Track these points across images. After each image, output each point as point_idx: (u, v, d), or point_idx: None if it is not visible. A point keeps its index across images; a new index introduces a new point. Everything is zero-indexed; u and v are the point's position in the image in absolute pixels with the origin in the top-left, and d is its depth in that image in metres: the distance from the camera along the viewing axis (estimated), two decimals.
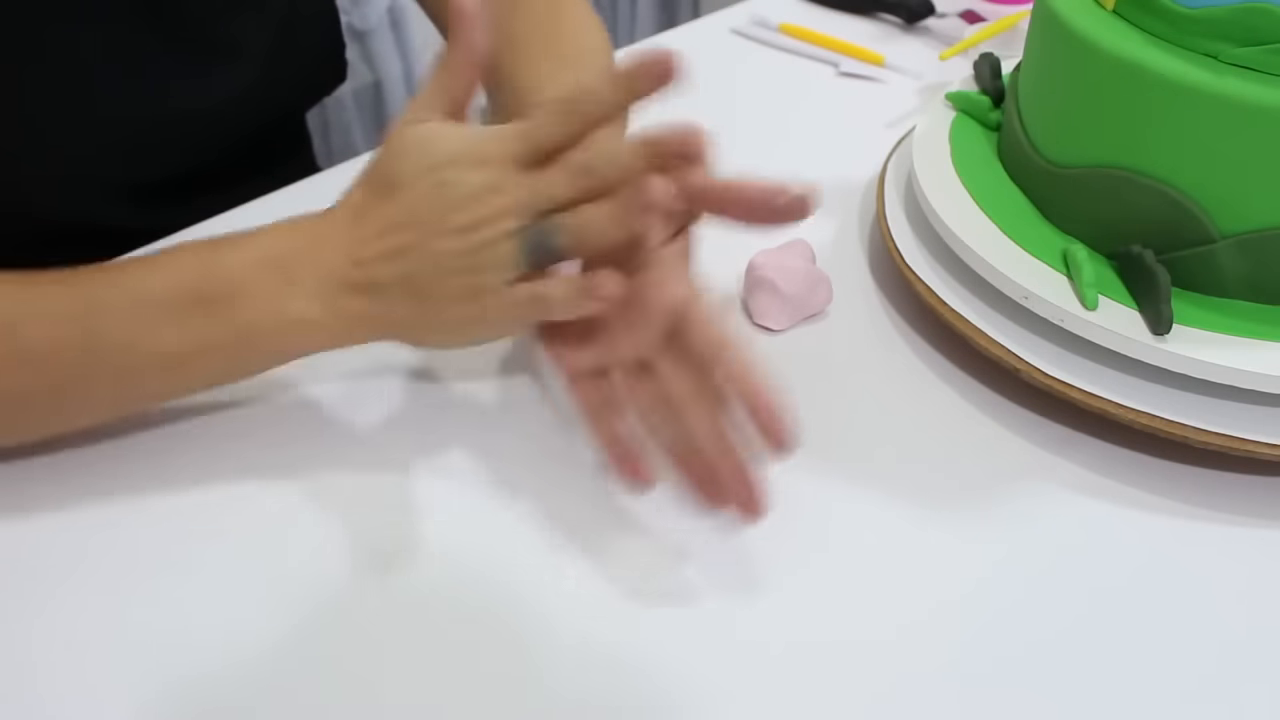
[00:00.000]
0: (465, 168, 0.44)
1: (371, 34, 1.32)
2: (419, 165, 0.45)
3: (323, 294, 0.46)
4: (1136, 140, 0.53)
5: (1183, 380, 0.51)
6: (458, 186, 0.44)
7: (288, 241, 0.47)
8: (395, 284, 0.46)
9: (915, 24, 0.89)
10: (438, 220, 0.44)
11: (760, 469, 0.46)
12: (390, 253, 0.45)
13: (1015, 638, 0.46)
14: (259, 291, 0.46)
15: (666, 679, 0.44)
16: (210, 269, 0.47)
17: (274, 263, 0.47)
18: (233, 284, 0.46)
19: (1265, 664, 0.46)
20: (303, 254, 0.47)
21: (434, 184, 0.44)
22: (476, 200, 0.44)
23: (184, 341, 0.47)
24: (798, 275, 0.60)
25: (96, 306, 0.47)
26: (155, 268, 0.48)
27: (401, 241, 0.45)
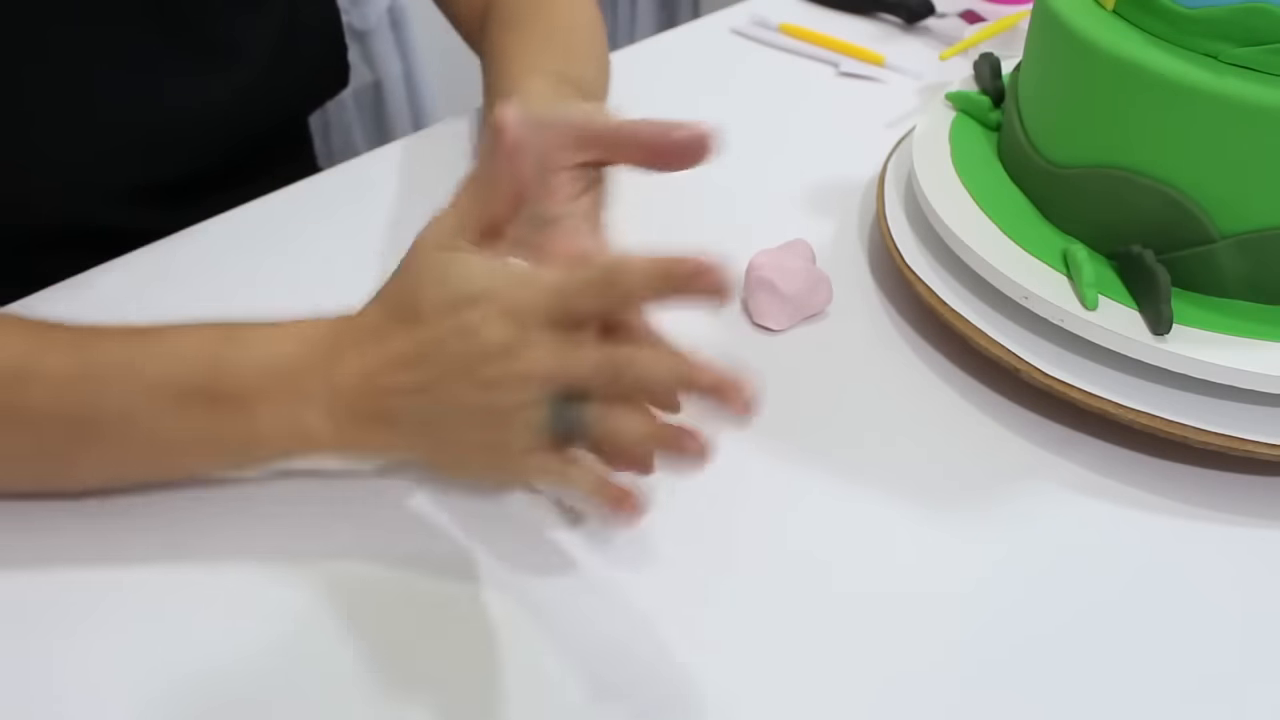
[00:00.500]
0: (493, 316, 0.41)
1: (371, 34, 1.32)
2: (441, 300, 0.42)
3: (335, 414, 0.45)
4: (1136, 140, 0.53)
5: (1183, 380, 0.51)
6: (482, 336, 0.41)
7: (304, 351, 0.45)
8: (411, 419, 0.44)
9: (915, 24, 0.89)
10: (461, 368, 0.42)
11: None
12: (409, 388, 0.43)
13: (1015, 637, 0.46)
14: (269, 401, 0.45)
15: (665, 678, 0.44)
16: (220, 366, 0.45)
17: (286, 374, 0.45)
18: (242, 388, 0.45)
19: (1265, 664, 0.46)
20: (317, 369, 0.45)
21: (457, 327, 0.41)
22: (503, 357, 0.41)
23: (184, 433, 0.46)
24: (798, 275, 0.60)
25: (98, 377, 0.45)
26: (163, 348, 0.46)
27: (422, 379, 0.43)
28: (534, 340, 0.41)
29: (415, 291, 0.43)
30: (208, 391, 0.45)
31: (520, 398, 0.41)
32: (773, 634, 0.46)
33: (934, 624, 0.47)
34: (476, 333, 0.41)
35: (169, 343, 0.46)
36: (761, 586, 0.48)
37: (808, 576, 0.48)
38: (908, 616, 0.47)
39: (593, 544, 0.49)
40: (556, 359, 0.41)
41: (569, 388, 0.42)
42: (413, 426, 0.44)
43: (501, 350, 0.41)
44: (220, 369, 0.45)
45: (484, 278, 0.42)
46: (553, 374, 0.41)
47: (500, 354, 0.41)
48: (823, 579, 0.48)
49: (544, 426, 0.42)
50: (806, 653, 0.45)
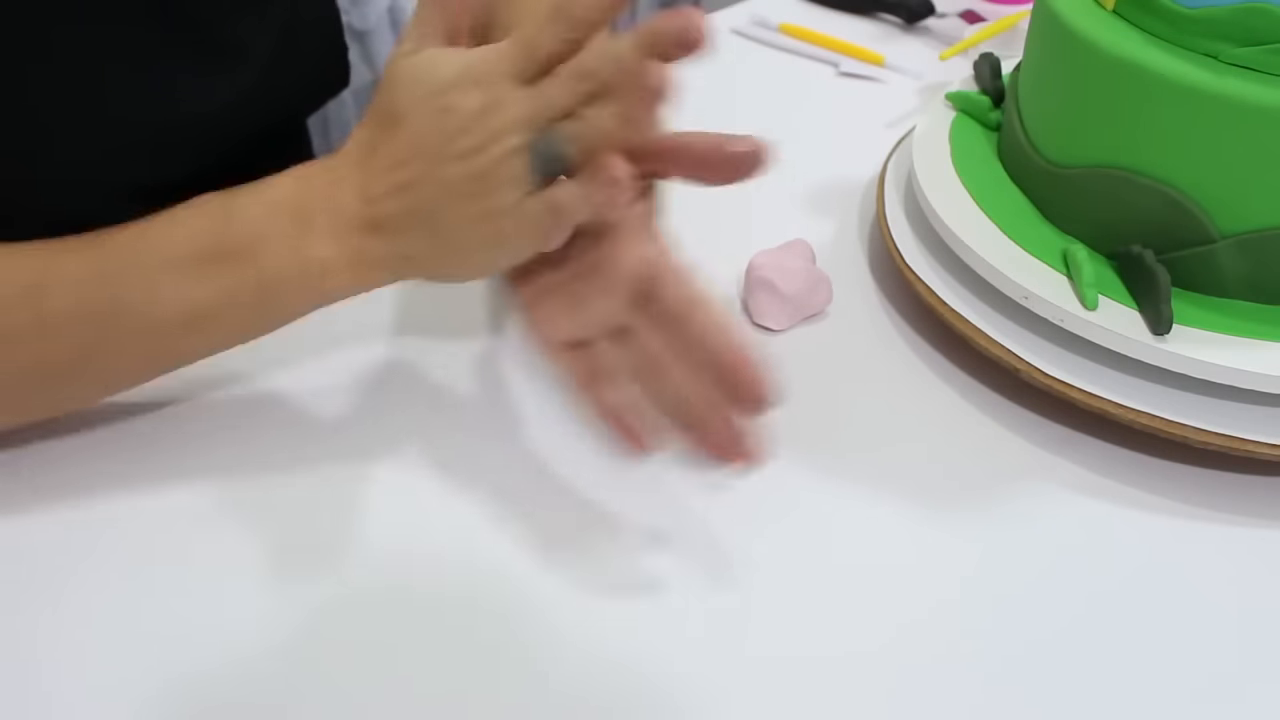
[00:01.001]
0: (464, 90, 0.43)
1: (371, 34, 1.32)
2: (418, 94, 0.44)
3: (339, 235, 0.46)
4: (1136, 140, 0.53)
5: (1183, 380, 0.51)
6: (458, 111, 0.43)
7: (303, 185, 0.47)
8: (407, 218, 0.45)
9: (915, 24, 0.89)
10: (442, 148, 0.44)
11: (751, 419, 0.45)
12: (399, 187, 0.45)
13: (1015, 637, 0.46)
14: (277, 238, 0.46)
15: (663, 677, 0.44)
16: (228, 221, 0.47)
17: (290, 208, 0.46)
18: (250, 234, 0.46)
19: (1265, 664, 0.46)
20: (317, 196, 0.46)
21: (435, 111, 0.44)
22: (478, 121, 0.43)
23: (207, 297, 0.47)
24: (798, 275, 0.60)
25: (117, 269, 0.47)
26: (173, 225, 0.48)
27: (409, 175, 0.45)
28: (504, 96, 0.43)
29: (394, 96, 0.45)
30: (219, 247, 0.46)
31: (500, 150, 0.43)
32: (772, 634, 0.46)
33: (934, 624, 0.47)
34: (451, 110, 0.43)
35: (175, 217, 0.48)
36: (760, 586, 0.48)
37: (807, 576, 0.48)
38: (907, 616, 0.47)
39: (587, 541, 0.49)
40: (528, 99, 0.43)
41: (545, 123, 0.43)
42: (409, 224, 0.45)
43: (476, 115, 0.43)
44: (228, 223, 0.47)
45: (452, 64, 0.44)
46: (526, 114, 0.43)
47: (474, 122, 0.43)
48: (822, 579, 0.48)
49: (528, 167, 0.43)
50: (806, 653, 0.45)
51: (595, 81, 0.43)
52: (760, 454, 0.46)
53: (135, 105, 0.65)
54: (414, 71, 0.45)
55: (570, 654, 0.45)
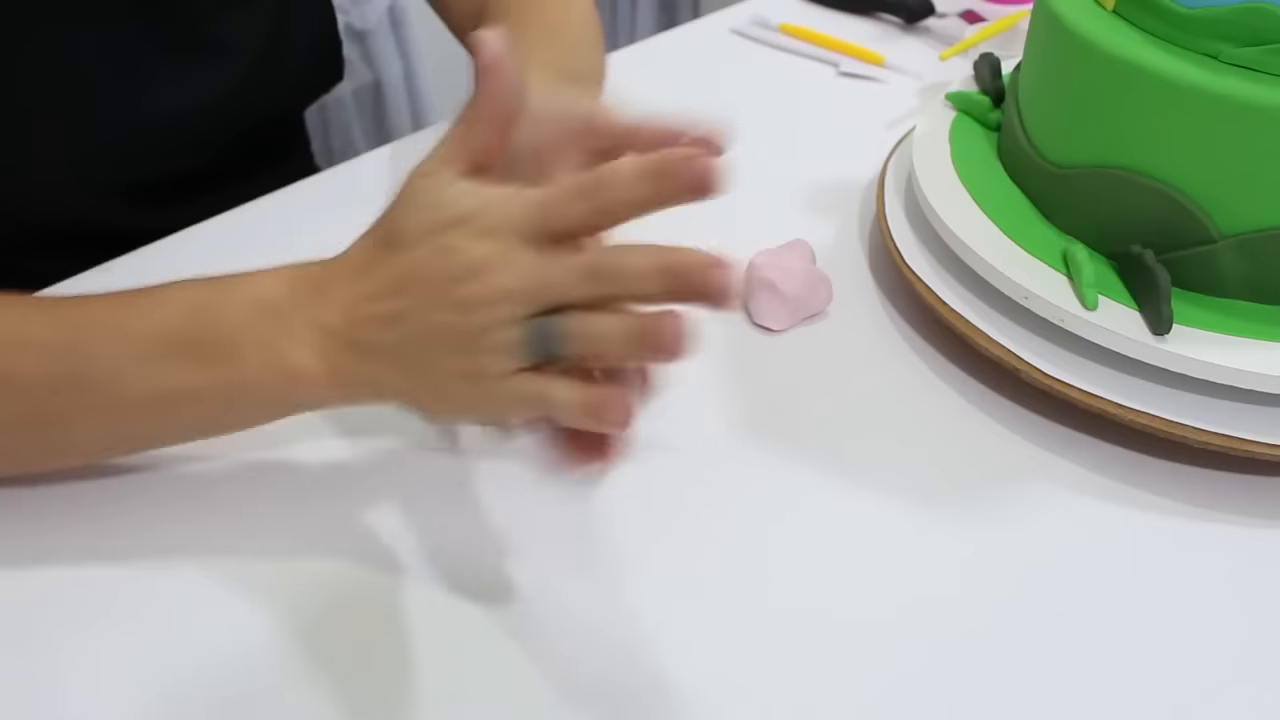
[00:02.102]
0: (471, 235, 0.41)
1: (371, 34, 1.32)
2: (424, 224, 0.42)
3: (317, 348, 0.43)
4: (1136, 140, 0.53)
5: (1183, 380, 0.51)
6: (460, 255, 0.40)
7: (287, 287, 0.45)
8: (388, 350, 0.43)
9: (915, 24, 0.89)
10: (437, 291, 0.41)
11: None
12: (386, 317, 0.42)
13: (1015, 637, 0.46)
14: (254, 340, 0.44)
15: (662, 676, 0.44)
16: (206, 313, 0.45)
17: (271, 310, 0.44)
18: (227, 332, 0.44)
19: (1265, 664, 0.45)
20: (301, 303, 0.44)
21: (437, 248, 0.41)
22: (478, 275, 0.40)
23: (175, 387, 0.45)
24: (798, 275, 0.60)
25: (86, 339, 0.45)
26: (149, 304, 0.46)
27: (399, 307, 0.42)
28: (511, 257, 0.40)
29: (400, 219, 0.43)
30: (193, 340, 0.45)
31: (495, 315, 0.40)
32: (772, 634, 0.46)
33: (934, 623, 0.47)
34: (454, 252, 0.40)
35: (154, 297, 0.46)
36: (760, 586, 0.48)
37: (807, 576, 0.48)
38: (907, 616, 0.47)
39: (587, 540, 0.49)
40: (534, 273, 0.40)
41: (547, 305, 0.40)
42: (392, 357, 0.43)
43: (478, 268, 0.40)
44: (204, 315, 0.45)
45: (465, 201, 0.42)
46: (530, 289, 0.40)
47: (476, 272, 0.40)
48: (822, 579, 0.48)
49: (521, 346, 0.40)
50: (806, 653, 0.45)
51: (605, 289, 0.40)
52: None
53: (121, 102, 0.65)
54: (427, 197, 0.42)
55: (568, 652, 0.45)
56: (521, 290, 0.40)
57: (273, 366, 0.44)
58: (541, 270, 0.40)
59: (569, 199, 0.40)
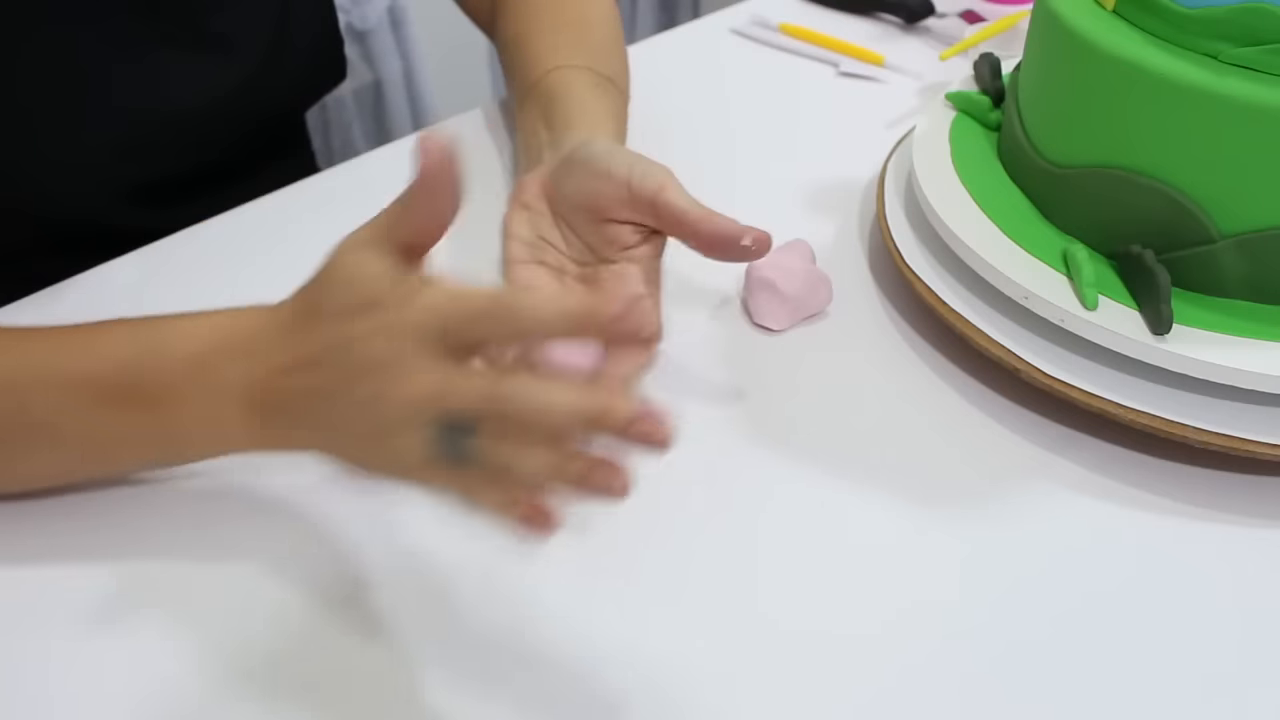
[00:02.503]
0: (373, 330, 0.39)
1: (371, 34, 1.32)
2: (335, 304, 0.40)
3: (247, 407, 0.44)
4: (1136, 140, 0.53)
5: (1183, 380, 0.51)
6: (360, 349, 0.39)
7: (222, 341, 0.45)
8: (310, 421, 0.43)
9: (915, 24, 0.89)
10: (344, 380, 0.40)
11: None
12: (304, 392, 0.42)
13: (1015, 637, 0.46)
14: (188, 394, 0.44)
15: (664, 677, 0.44)
16: (139, 361, 0.45)
17: (206, 365, 0.44)
18: (162, 384, 0.45)
19: (1265, 664, 0.46)
20: (235, 359, 0.44)
21: (341, 337, 0.40)
22: (377, 375, 0.39)
23: (110, 431, 0.46)
24: (798, 275, 0.60)
25: (23, 384, 0.46)
26: (85, 349, 0.46)
27: (314, 384, 0.41)
28: (408, 363, 0.38)
29: (319, 291, 0.42)
30: (127, 390, 0.45)
31: (399, 416, 0.39)
32: (772, 634, 0.46)
33: (934, 623, 0.47)
34: (355, 344, 0.39)
35: (90, 343, 0.46)
36: (761, 586, 0.48)
37: (807, 576, 0.48)
38: (907, 615, 0.47)
39: (582, 544, 0.49)
40: (431, 384, 0.38)
41: (452, 416, 0.38)
42: (313, 427, 0.43)
43: (377, 367, 0.39)
44: (138, 366, 0.45)
45: (378, 285, 0.39)
46: (428, 398, 0.38)
47: (375, 371, 0.39)
48: (822, 579, 0.48)
49: (431, 450, 0.39)
50: (805, 651, 0.45)
51: (513, 420, 0.37)
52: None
53: (123, 100, 0.65)
54: (344, 273, 0.41)
55: (569, 654, 0.45)
56: (420, 399, 0.38)
57: (204, 419, 0.45)
58: (439, 383, 0.38)
59: (475, 318, 0.38)
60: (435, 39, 1.41)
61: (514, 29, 0.72)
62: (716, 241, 0.51)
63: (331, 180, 0.73)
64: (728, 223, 0.51)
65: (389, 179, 0.72)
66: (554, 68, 0.65)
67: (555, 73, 0.65)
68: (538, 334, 0.38)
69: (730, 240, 0.51)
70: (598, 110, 0.62)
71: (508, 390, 0.37)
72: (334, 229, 0.60)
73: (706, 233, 0.51)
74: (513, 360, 0.40)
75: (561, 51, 0.67)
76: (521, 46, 0.69)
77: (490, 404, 0.37)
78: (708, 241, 0.51)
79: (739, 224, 0.51)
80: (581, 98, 0.63)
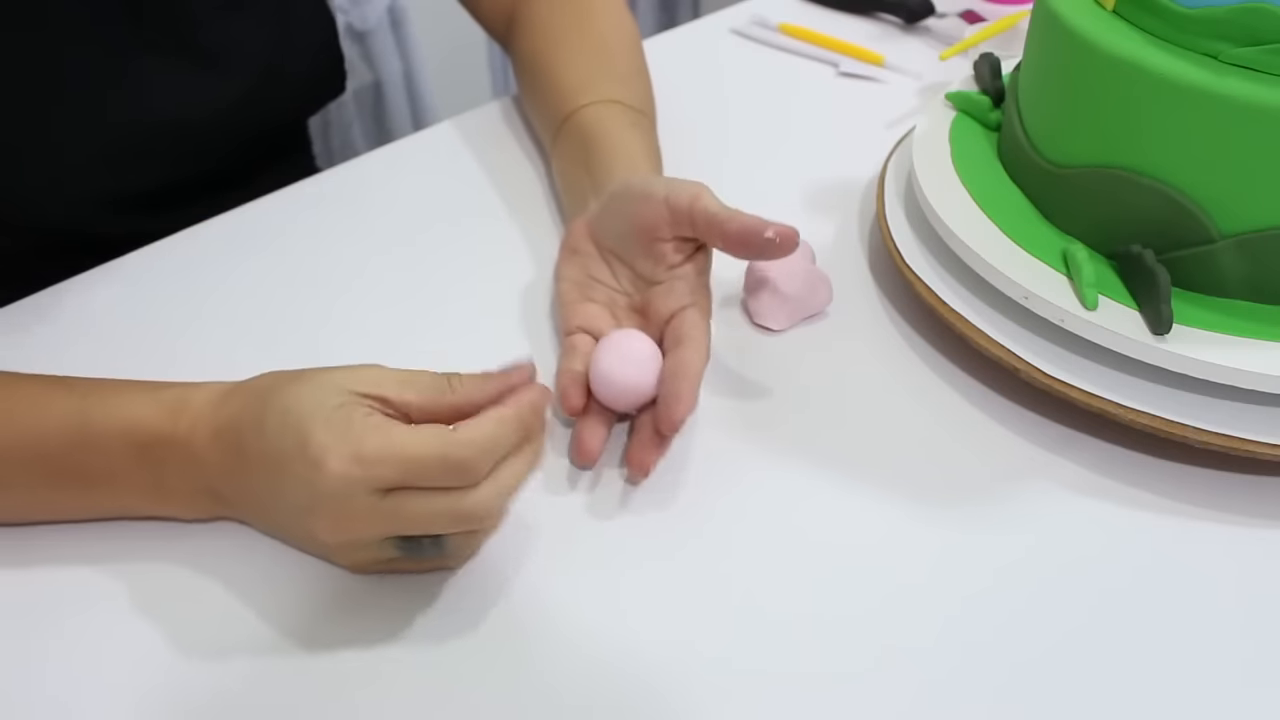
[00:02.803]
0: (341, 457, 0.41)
1: (371, 34, 1.32)
2: (288, 443, 0.42)
3: (187, 492, 0.47)
4: (1136, 140, 0.53)
5: (1183, 380, 0.51)
6: (324, 486, 0.41)
7: (158, 424, 0.46)
8: (255, 516, 0.48)
9: (915, 24, 0.89)
10: (305, 510, 0.43)
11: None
12: (258, 507, 0.47)
13: (1014, 637, 0.46)
14: (130, 478, 0.46)
15: (658, 677, 0.44)
16: (83, 443, 0.46)
17: (144, 451, 0.46)
18: (104, 468, 0.46)
19: (1265, 663, 0.46)
20: (176, 457, 0.46)
21: (307, 471, 0.41)
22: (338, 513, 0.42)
23: (60, 502, 0.48)
24: (798, 275, 0.60)
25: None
26: (28, 427, 0.46)
27: (269, 503, 0.46)
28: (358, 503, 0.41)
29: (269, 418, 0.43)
30: (72, 472, 0.47)
31: (363, 540, 0.44)
32: (772, 633, 0.46)
33: (934, 623, 0.47)
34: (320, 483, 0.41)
35: (31, 422, 0.47)
36: (761, 586, 0.48)
37: (807, 576, 0.48)
38: (908, 615, 0.47)
39: (585, 543, 0.49)
40: (385, 521, 0.42)
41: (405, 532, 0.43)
42: (256, 521, 0.48)
43: (337, 509, 0.42)
44: (82, 447, 0.46)
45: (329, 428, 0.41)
46: (384, 532, 0.43)
47: (336, 496, 0.41)
48: (822, 579, 0.48)
49: (395, 553, 0.44)
50: (806, 652, 0.45)
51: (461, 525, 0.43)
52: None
53: (122, 113, 0.65)
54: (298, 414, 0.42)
55: (570, 656, 0.45)
56: (375, 535, 0.43)
57: (151, 497, 0.48)
58: (390, 513, 0.42)
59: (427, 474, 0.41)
60: (435, 39, 1.41)
61: (532, 46, 0.72)
62: (743, 238, 0.52)
63: (331, 180, 0.73)
64: (752, 219, 0.52)
65: (389, 179, 0.73)
66: (586, 104, 0.66)
67: (588, 110, 0.65)
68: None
69: (754, 235, 0.51)
70: (635, 151, 0.63)
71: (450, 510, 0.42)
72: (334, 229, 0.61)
73: (734, 231, 0.52)
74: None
75: (591, 84, 0.67)
76: (547, 73, 0.70)
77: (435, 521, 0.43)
78: (736, 239, 0.52)
79: (762, 220, 0.51)
80: (619, 139, 0.64)
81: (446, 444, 0.41)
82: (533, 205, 0.70)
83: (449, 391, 0.44)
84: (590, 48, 0.71)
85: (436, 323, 0.61)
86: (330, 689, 0.44)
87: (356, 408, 0.42)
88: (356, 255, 0.66)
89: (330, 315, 0.62)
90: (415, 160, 0.75)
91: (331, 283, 0.64)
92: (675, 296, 0.54)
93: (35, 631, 0.46)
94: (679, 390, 0.50)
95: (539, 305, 0.62)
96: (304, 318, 0.61)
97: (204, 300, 0.62)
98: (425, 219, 0.69)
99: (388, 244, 0.66)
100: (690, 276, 0.55)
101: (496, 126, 0.77)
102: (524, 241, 0.67)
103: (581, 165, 0.64)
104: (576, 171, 0.64)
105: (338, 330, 0.60)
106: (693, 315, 0.53)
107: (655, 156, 0.65)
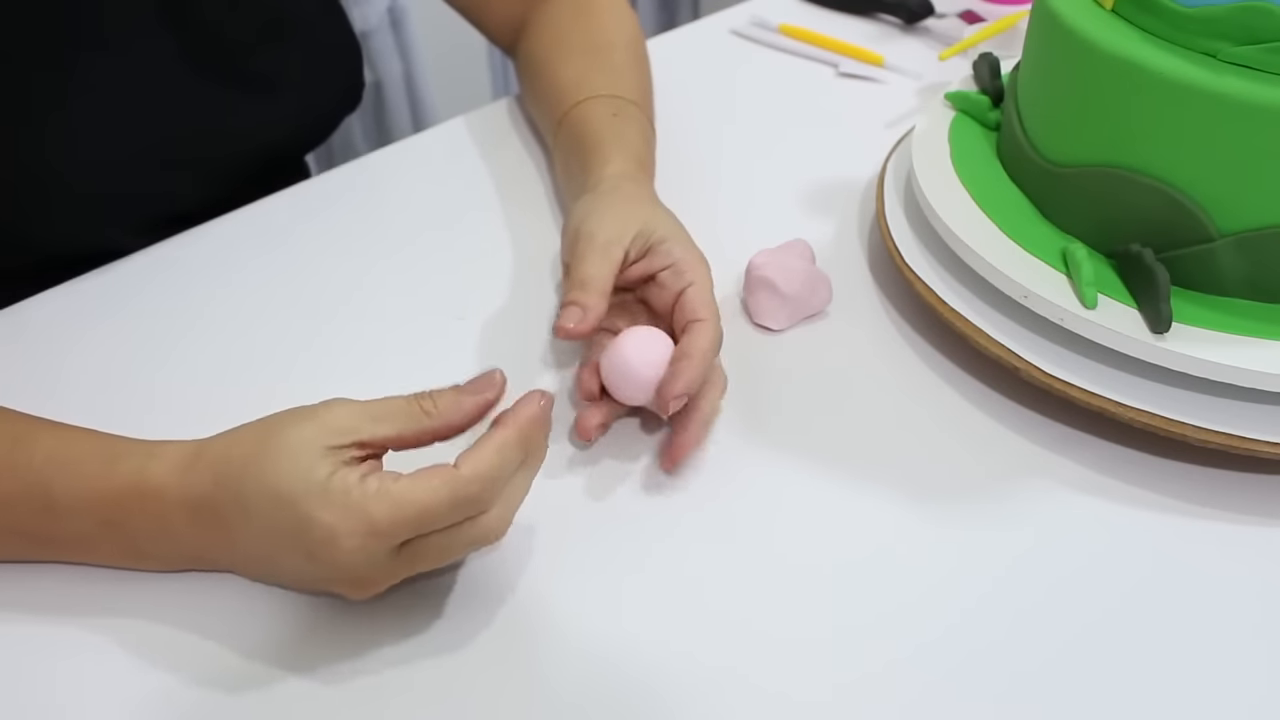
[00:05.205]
0: (350, 532, 0.40)
1: (371, 34, 1.32)
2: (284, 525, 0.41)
3: (175, 561, 0.47)
4: (1136, 139, 0.53)
5: (1182, 379, 0.51)
6: (342, 560, 0.41)
7: (123, 505, 0.45)
8: (255, 579, 0.47)
9: (915, 24, 0.89)
10: (320, 580, 0.44)
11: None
12: (249, 570, 0.47)
13: (1014, 636, 0.46)
14: (105, 550, 0.46)
15: (658, 677, 0.44)
16: (49, 510, 0.45)
17: (114, 528, 0.45)
18: (76, 535, 0.46)
19: (1266, 662, 0.46)
20: (148, 529, 0.45)
21: (318, 550, 0.41)
22: (359, 579, 0.43)
23: (39, 556, 0.48)
24: (798, 275, 0.60)
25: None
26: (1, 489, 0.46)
27: (265, 570, 0.46)
28: (381, 561, 0.42)
29: (253, 489, 0.42)
30: (45, 538, 0.46)
31: (373, 592, 0.44)
32: (772, 634, 0.46)
33: (934, 622, 0.47)
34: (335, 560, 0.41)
35: (9, 476, 0.46)
36: (761, 586, 0.48)
37: (807, 576, 0.48)
38: (908, 615, 0.47)
39: (585, 545, 0.49)
40: (400, 569, 0.43)
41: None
42: (240, 572, 0.47)
43: (357, 564, 0.41)
44: (51, 516, 0.45)
45: (327, 503, 0.41)
46: (405, 575, 0.43)
47: (356, 567, 0.41)
48: (822, 579, 0.48)
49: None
50: (806, 652, 0.45)
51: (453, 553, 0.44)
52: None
53: (162, 132, 0.65)
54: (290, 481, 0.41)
55: (572, 657, 0.45)
56: (382, 581, 0.43)
57: (128, 559, 0.47)
58: (402, 565, 0.42)
59: (437, 520, 0.41)
60: (435, 39, 1.41)
61: (535, 48, 0.73)
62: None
63: (331, 180, 0.73)
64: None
65: (389, 179, 0.73)
66: (580, 100, 0.66)
67: (580, 107, 0.66)
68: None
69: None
70: (613, 142, 0.64)
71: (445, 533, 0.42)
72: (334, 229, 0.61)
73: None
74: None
75: (585, 81, 0.68)
76: (546, 74, 0.70)
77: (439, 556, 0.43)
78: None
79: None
80: (599, 133, 0.64)
81: (454, 487, 0.41)
82: (533, 206, 0.70)
83: (424, 417, 0.43)
84: (589, 46, 0.71)
85: (436, 323, 0.61)
86: (330, 689, 0.44)
87: (348, 472, 0.41)
88: (357, 256, 0.66)
89: (331, 316, 0.62)
90: (415, 161, 0.75)
91: (332, 283, 0.64)
92: (667, 289, 0.55)
93: (33, 631, 0.46)
94: (674, 370, 0.50)
95: (539, 305, 0.62)
96: (304, 318, 0.61)
97: (205, 300, 0.62)
98: (425, 220, 0.69)
99: (388, 244, 0.66)
100: (668, 259, 0.55)
101: (496, 126, 0.77)
102: (524, 242, 0.67)
103: (576, 163, 0.64)
104: (570, 170, 0.65)
105: (338, 330, 0.61)
106: (690, 295, 0.54)
107: (636, 142, 0.65)
